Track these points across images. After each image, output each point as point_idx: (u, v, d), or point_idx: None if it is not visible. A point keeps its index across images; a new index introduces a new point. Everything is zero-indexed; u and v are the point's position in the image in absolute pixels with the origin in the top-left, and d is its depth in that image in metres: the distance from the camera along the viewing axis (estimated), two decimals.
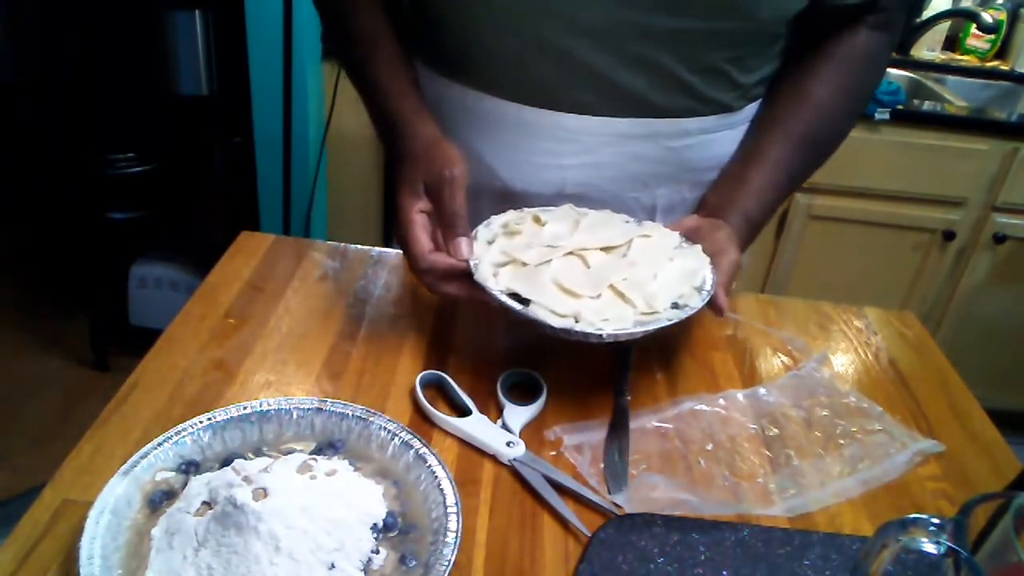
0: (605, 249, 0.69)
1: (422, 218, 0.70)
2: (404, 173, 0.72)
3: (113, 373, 2.24)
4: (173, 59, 1.94)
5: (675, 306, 0.66)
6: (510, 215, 0.75)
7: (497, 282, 0.65)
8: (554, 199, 0.82)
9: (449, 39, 0.81)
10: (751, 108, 0.85)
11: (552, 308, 0.63)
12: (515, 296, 0.64)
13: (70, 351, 2.29)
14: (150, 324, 2.20)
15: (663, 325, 0.63)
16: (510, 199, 0.84)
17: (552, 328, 0.62)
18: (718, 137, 0.83)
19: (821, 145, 0.84)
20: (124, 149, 2.03)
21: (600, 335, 0.61)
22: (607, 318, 0.63)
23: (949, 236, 2.02)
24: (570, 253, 0.68)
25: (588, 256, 0.68)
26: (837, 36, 0.83)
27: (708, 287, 0.67)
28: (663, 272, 0.67)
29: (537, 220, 0.73)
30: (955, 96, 2.10)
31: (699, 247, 0.72)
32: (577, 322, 0.62)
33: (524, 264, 0.66)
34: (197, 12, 1.89)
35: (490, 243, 0.71)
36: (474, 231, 0.71)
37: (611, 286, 0.65)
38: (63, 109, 1.95)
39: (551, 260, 0.66)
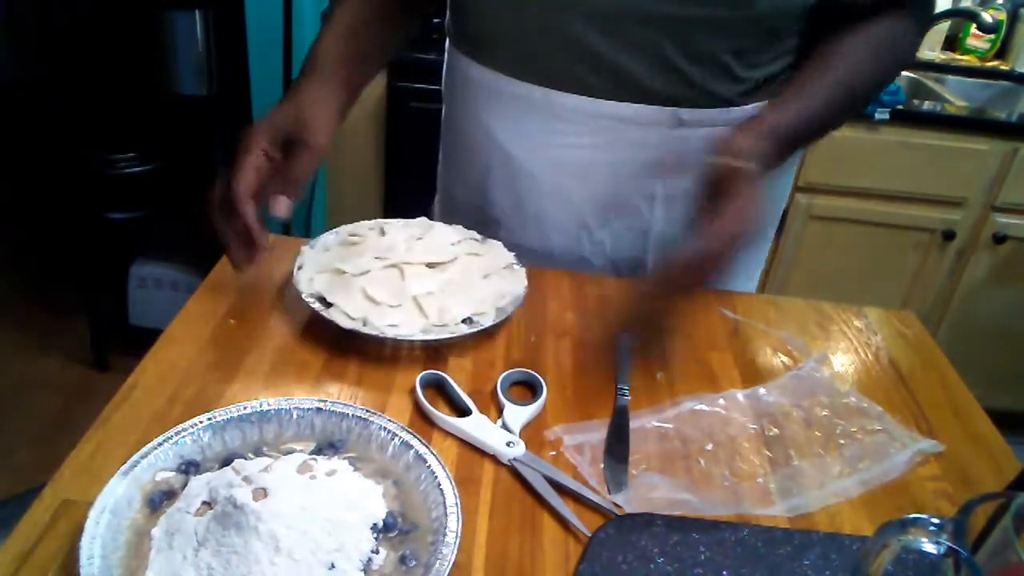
0: (430, 264, 0.77)
1: (262, 159, 0.73)
2: (277, 112, 0.75)
3: (113, 373, 2.25)
4: (173, 59, 1.94)
5: (468, 321, 0.72)
6: (357, 225, 0.83)
7: (311, 285, 0.73)
8: (557, 177, 0.87)
9: (466, 19, 0.87)
10: (754, 108, 0.84)
11: (346, 311, 0.70)
12: (323, 300, 0.72)
13: (70, 351, 2.29)
14: (150, 324, 2.20)
15: (444, 337, 0.70)
16: (517, 173, 0.88)
17: (343, 329, 0.69)
18: (718, 132, 0.83)
19: (856, 90, 0.81)
20: (124, 149, 2.03)
21: (383, 338, 0.69)
22: (395, 324, 0.70)
23: (949, 236, 2.02)
24: (392, 265, 0.76)
25: (408, 269, 0.75)
26: (857, 26, 0.81)
27: (508, 308, 0.75)
28: (470, 290, 0.75)
29: (381, 231, 0.81)
30: (955, 96, 2.10)
31: (524, 271, 0.80)
32: (365, 325, 0.69)
33: (343, 272, 0.74)
34: (197, 12, 1.89)
35: (327, 251, 0.79)
36: (318, 237, 0.80)
37: (413, 297, 0.73)
38: (63, 109, 1.95)
39: (369, 271, 0.75)
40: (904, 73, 2.26)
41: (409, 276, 0.74)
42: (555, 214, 0.89)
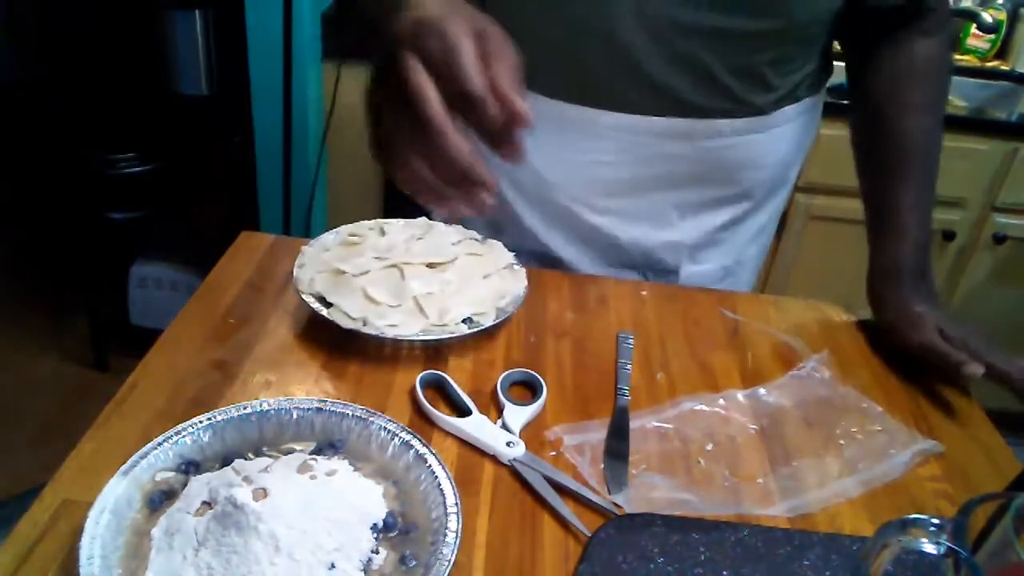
0: (430, 264, 0.76)
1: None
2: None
3: (113, 373, 2.25)
4: (173, 59, 1.94)
5: (468, 321, 0.72)
6: (357, 225, 0.82)
7: (311, 285, 0.73)
8: (589, 194, 0.87)
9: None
10: (781, 113, 0.86)
11: (346, 311, 0.70)
12: (323, 299, 0.72)
13: (70, 351, 2.30)
14: (150, 324, 2.20)
15: (444, 337, 0.70)
16: (548, 193, 0.87)
17: (343, 329, 0.69)
18: (749, 140, 0.84)
19: (931, 165, 0.85)
20: (124, 149, 2.03)
21: (383, 338, 0.69)
22: (395, 324, 0.69)
23: (949, 236, 2.02)
24: (392, 265, 0.75)
25: (408, 269, 0.74)
26: (894, 52, 0.84)
27: (509, 308, 0.74)
28: (470, 290, 0.74)
29: (381, 231, 0.81)
30: (955, 96, 2.09)
31: (524, 271, 0.80)
32: (365, 325, 0.69)
33: (342, 272, 0.74)
34: (197, 12, 1.89)
35: (327, 251, 0.78)
36: (318, 237, 0.79)
37: (413, 297, 0.72)
38: (63, 109, 1.95)
39: (369, 271, 0.74)
40: None
41: (409, 276, 0.74)
42: (583, 227, 0.90)
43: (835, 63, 0.92)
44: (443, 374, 0.68)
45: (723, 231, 0.93)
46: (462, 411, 0.65)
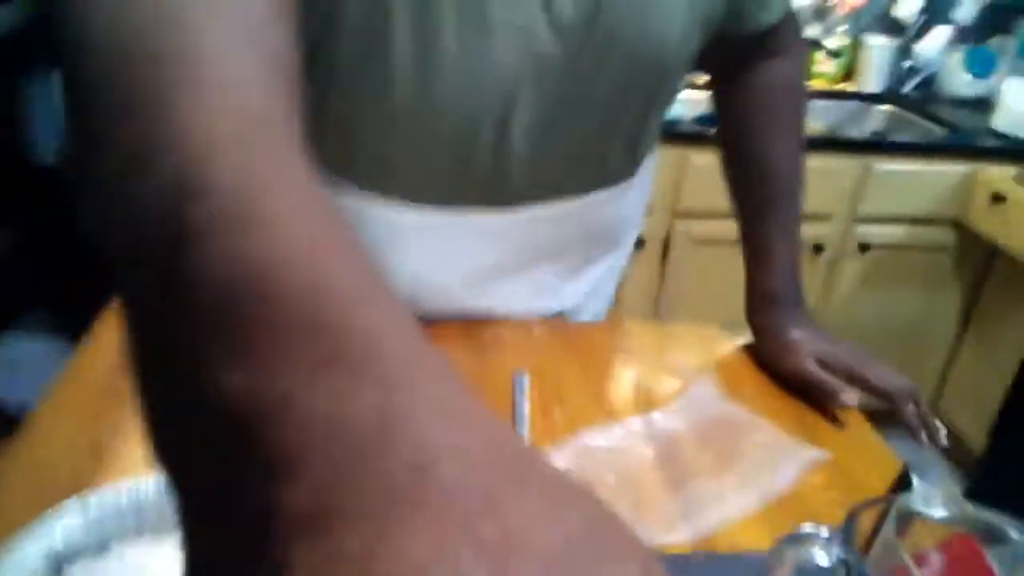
0: None
1: None
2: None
3: None
4: (30, 126, 1.84)
5: None
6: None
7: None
8: (463, 287, 0.82)
9: (360, 147, 0.72)
10: (642, 169, 0.87)
11: None
12: None
13: None
14: (16, 406, 2.05)
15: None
16: (420, 292, 0.81)
17: None
18: (620, 198, 0.85)
19: (793, 190, 0.88)
20: None
21: None
22: None
23: (819, 249, 2.14)
24: None
25: None
26: (747, 78, 0.86)
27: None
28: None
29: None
30: (810, 118, 2.22)
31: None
32: None
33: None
34: (52, 76, 1.80)
35: None
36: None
37: None
38: None
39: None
40: None
41: None
42: (459, 312, 0.86)
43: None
44: None
45: (601, 283, 0.93)
46: None
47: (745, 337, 0.89)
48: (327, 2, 0.60)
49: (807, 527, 0.43)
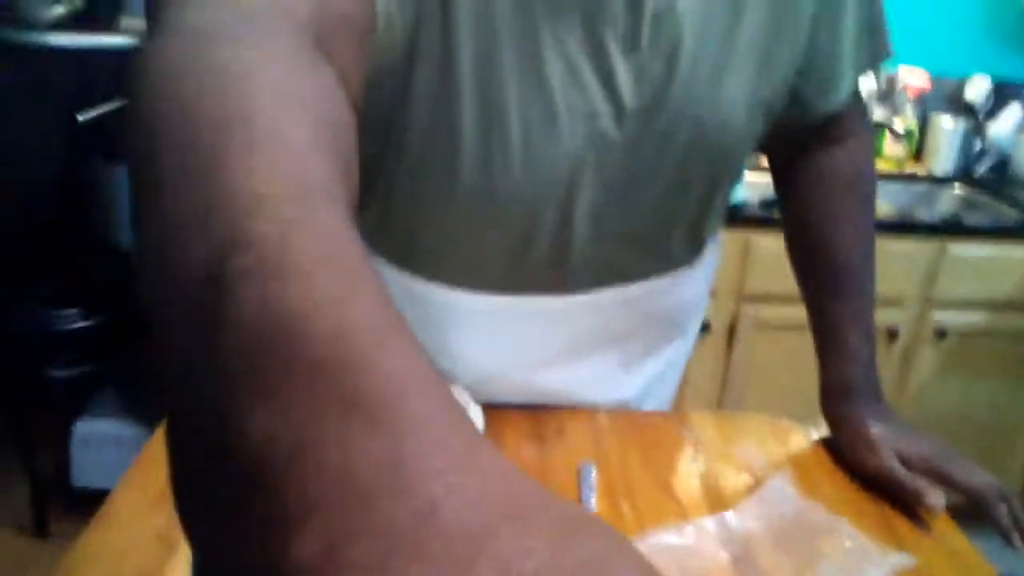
0: None
1: None
2: None
3: (54, 539, 2.12)
4: (113, 211, 1.94)
5: None
6: None
7: None
8: (528, 372, 0.82)
9: (424, 231, 0.73)
10: (706, 253, 0.86)
11: None
12: None
13: (7, 516, 2.16)
14: (94, 485, 2.10)
15: None
16: (485, 381, 0.81)
17: None
18: (681, 284, 0.84)
19: (864, 275, 0.86)
20: (65, 304, 2.00)
21: None
22: None
23: (893, 334, 2.07)
24: None
25: None
26: (810, 164, 0.85)
27: None
28: None
29: None
30: (881, 200, 2.19)
31: (479, 408, 0.78)
32: None
33: None
34: None
35: None
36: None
37: None
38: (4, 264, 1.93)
39: None
40: None
41: None
42: (527, 398, 0.85)
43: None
44: None
45: (665, 371, 0.92)
46: None
47: (820, 430, 0.86)
48: (396, 85, 0.62)
49: None
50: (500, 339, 0.80)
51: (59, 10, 1.79)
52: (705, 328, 2.02)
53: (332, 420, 0.19)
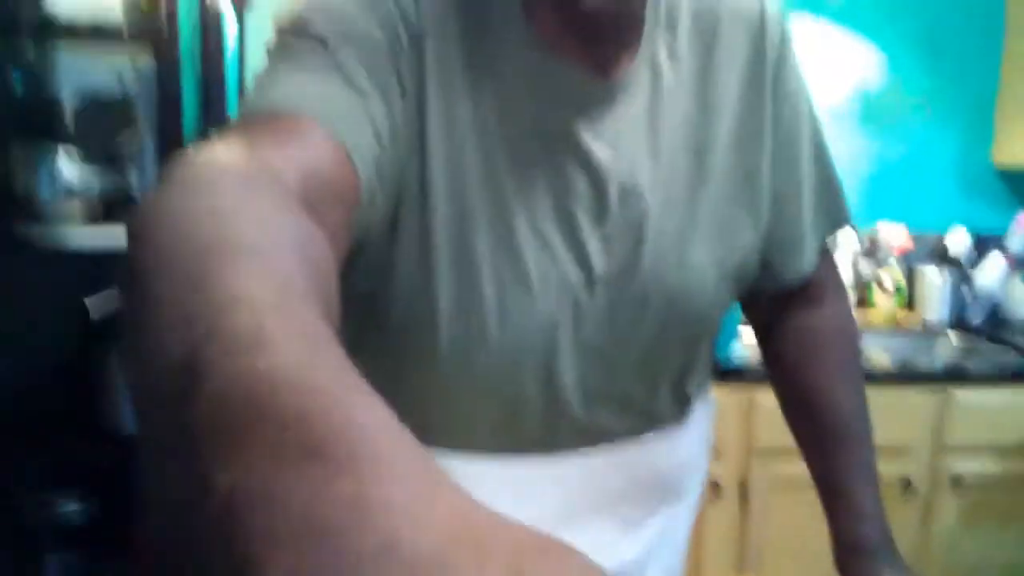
0: None
1: None
2: None
3: None
4: (110, 396, 1.94)
5: None
6: None
7: None
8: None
9: (406, 400, 0.74)
10: (696, 412, 0.86)
11: None
12: None
13: None
14: None
15: None
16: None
17: None
18: (673, 443, 0.83)
19: (859, 429, 0.85)
20: (61, 490, 1.96)
21: None
22: None
23: (907, 485, 2.02)
24: None
25: None
26: (788, 328, 0.87)
27: None
28: None
29: None
30: (879, 351, 2.20)
31: None
32: None
33: None
34: None
35: None
36: None
37: None
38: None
39: None
40: None
41: None
42: None
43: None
44: None
45: (666, 533, 0.88)
46: None
47: None
48: (378, 260, 0.64)
49: None
50: (493, 505, 0.76)
51: (74, 206, 1.87)
52: (715, 489, 1.98)
53: (295, 465, 0.20)
